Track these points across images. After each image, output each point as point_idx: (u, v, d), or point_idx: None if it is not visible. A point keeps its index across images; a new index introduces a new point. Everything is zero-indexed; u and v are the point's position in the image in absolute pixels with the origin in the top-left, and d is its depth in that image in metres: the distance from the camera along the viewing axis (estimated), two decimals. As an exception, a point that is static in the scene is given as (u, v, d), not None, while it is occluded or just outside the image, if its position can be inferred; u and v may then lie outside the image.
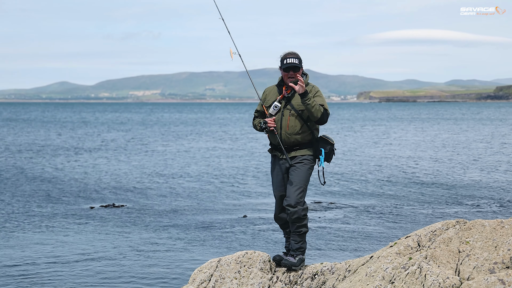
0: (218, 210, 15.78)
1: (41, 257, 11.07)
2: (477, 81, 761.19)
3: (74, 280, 9.71)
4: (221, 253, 11.32)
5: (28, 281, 9.70)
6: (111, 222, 14.31)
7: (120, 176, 22.43)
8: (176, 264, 10.66)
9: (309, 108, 6.20)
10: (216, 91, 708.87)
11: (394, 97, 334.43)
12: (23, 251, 11.48)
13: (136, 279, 9.78)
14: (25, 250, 11.56)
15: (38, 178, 21.68)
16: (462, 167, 24.79)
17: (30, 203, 16.64)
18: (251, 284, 6.24)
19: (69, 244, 12.13)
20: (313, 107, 6.18)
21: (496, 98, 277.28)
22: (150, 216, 14.95)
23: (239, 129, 58.35)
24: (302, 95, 6.18)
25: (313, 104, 6.18)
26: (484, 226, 5.85)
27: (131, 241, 12.38)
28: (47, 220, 14.41)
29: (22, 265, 10.55)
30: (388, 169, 24.29)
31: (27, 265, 10.55)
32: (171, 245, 12.08)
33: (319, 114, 6.23)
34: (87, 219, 14.64)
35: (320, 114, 6.23)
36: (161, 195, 18.29)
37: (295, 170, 6.35)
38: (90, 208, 16.06)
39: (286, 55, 6.39)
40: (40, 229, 13.50)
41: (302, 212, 6.32)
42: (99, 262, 10.80)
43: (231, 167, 25.53)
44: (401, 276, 5.53)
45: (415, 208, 15.74)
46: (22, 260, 10.89)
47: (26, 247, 11.79)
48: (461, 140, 40.22)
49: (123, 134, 49.82)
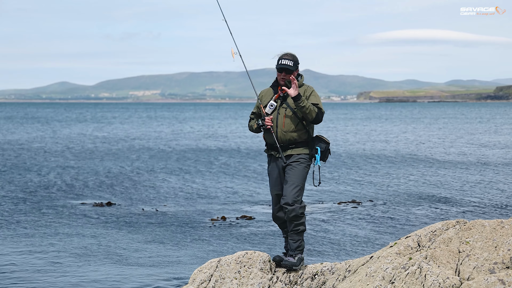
0: (218, 209, 15.78)
1: (34, 258, 11.08)
2: (477, 81, 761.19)
3: (70, 280, 9.70)
4: (221, 253, 11.32)
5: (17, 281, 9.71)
6: (109, 221, 14.31)
7: (117, 173, 22.42)
8: (176, 264, 10.66)
9: (303, 111, 6.30)
10: (216, 91, 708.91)
11: (394, 97, 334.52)
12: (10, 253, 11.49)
13: (136, 279, 9.78)
14: (12, 253, 11.56)
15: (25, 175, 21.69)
16: (462, 167, 24.79)
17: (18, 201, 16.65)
18: (251, 284, 6.24)
19: (65, 243, 12.13)
20: (307, 109, 6.29)
21: (496, 98, 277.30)
22: (149, 216, 14.95)
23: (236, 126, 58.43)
24: (295, 98, 6.26)
25: (307, 106, 6.28)
26: (484, 226, 5.85)
27: (131, 241, 12.38)
28: (37, 218, 14.41)
29: (8, 265, 10.55)
30: (388, 169, 24.30)
31: (13, 266, 10.55)
32: (171, 245, 12.07)
33: (314, 115, 6.33)
34: (85, 217, 14.63)
35: (314, 115, 6.34)
36: (160, 194, 18.29)
37: (291, 169, 6.42)
38: (82, 204, 16.06)
39: (282, 55, 6.50)
40: (31, 226, 13.49)
41: (299, 210, 6.37)
42: (97, 262, 10.80)
43: (230, 166, 25.54)
44: (401, 276, 5.53)
45: (415, 208, 15.74)
46: (9, 260, 10.89)
47: (14, 247, 11.79)
48: (461, 140, 40.24)
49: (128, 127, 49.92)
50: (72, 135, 47.61)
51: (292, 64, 6.41)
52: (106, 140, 41.84)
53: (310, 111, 6.29)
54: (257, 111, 6.68)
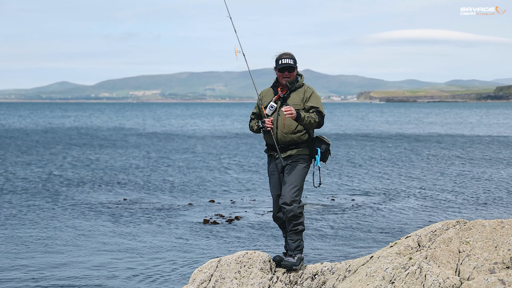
0: (218, 209, 15.78)
1: (35, 257, 11.08)
2: (477, 81, 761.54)
3: (71, 280, 9.70)
4: (221, 253, 11.32)
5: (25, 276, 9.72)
6: (108, 220, 14.30)
7: (114, 171, 22.42)
8: (176, 264, 10.66)
9: (307, 126, 6.34)
10: (216, 91, 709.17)
11: (394, 97, 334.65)
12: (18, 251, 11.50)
13: (136, 279, 9.78)
14: (21, 250, 11.57)
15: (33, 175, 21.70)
16: (462, 166, 24.79)
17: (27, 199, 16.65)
18: (251, 284, 6.24)
19: (62, 242, 12.12)
20: (309, 123, 6.33)
21: (496, 98, 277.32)
22: (149, 216, 14.94)
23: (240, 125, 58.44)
24: (297, 119, 6.29)
25: (308, 120, 6.31)
26: (484, 226, 5.85)
27: (130, 241, 12.37)
28: (42, 215, 14.41)
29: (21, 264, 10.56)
30: (388, 169, 24.30)
31: (24, 263, 10.55)
32: (171, 245, 12.07)
33: (315, 125, 6.38)
34: (83, 215, 14.63)
35: (316, 124, 6.38)
36: (159, 193, 18.28)
37: (290, 169, 6.44)
38: (85, 203, 16.06)
39: (281, 55, 6.49)
40: (35, 223, 13.50)
41: (297, 210, 6.38)
42: (97, 262, 10.79)
43: (230, 165, 25.53)
44: (401, 276, 5.53)
45: (415, 208, 15.74)
46: (19, 256, 10.90)
47: (21, 245, 11.80)
48: (462, 140, 40.24)
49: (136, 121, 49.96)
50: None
51: (292, 62, 6.42)
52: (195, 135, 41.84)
53: (310, 123, 6.33)
54: (258, 111, 6.68)
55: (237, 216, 14.79)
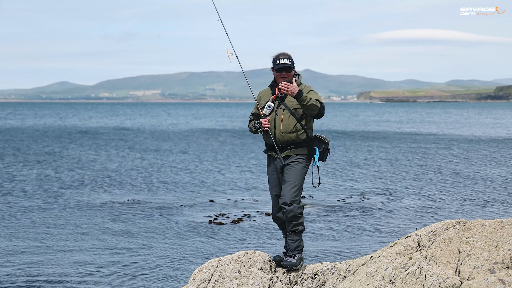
0: (218, 209, 15.78)
1: (34, 259, 11.08)
2: (477, 81, 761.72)
3: (71, 280, 9.70)
4: (221, 253, 11.32)
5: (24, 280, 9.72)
6: (108, 220, 14.30)
7: (112, 171, 22.41)
8: (176, 264, 10.66)
9: (307, 106, 6.31)
10: (216, 91, 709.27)
11: (394, 97, 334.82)
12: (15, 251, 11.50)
13: (136, 279, 9.78)
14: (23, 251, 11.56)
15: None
16: (462, 166, 24.79)
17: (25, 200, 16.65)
18: (251, 284, 6.24)
19: (62, 242, 12.13)
20: (310, 103, 6.30)
21: (496, 98, 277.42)
22: (149, 215, 14.95)
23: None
24: (297, 96, 6.26)
25: (308, 100, 6.29)
26: (484, 226, 5.85)
27: (130, 240, 12.38)
28: (40, 215, 14.41)
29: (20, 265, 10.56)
30: (388, 169, 24.30)
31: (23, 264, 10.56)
32: (171, 244, 12.07)
33: (316, 109, 6.34)
34: (83, 214, 14.63)
35: (317, 109, 6.34)
36: (159, 193, 18.28)
37: (289, 169, 6.44)
38: (85, 203, 16.06)
39: (278, 55, 6.52)
40: (34, 224, 13.50)
41: (297, 210, 6.38)
42: (97, 261, 10.80)
43: (230, 165, 25.53)
44: (401, 276, 5.53)
45: (415, 208, 15.74)
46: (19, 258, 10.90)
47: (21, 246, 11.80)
48: (462, 140, 40.25)
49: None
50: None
51: (290, 62, 6.45)
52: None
53: (313, 104, 6.30)
54: (256, 112, 6.70)
55: (237, 216, 14.79)
